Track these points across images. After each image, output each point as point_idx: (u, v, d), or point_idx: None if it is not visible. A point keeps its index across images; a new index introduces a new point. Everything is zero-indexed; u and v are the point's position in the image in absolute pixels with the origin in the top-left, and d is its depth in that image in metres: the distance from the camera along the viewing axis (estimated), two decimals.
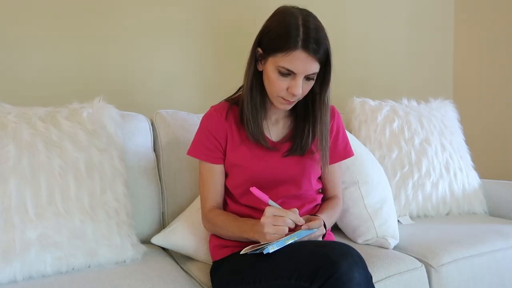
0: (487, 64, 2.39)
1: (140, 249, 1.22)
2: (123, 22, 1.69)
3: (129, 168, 1.35)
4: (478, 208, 1.77)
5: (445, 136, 1.81)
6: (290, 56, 0.99)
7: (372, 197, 1.40)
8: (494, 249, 1.34)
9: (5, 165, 1.09)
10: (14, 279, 1.04)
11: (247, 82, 1.10)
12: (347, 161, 1.32)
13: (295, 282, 0.88)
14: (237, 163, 1.14)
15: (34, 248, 1.06)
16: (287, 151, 1.14)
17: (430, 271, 1.24)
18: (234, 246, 1.12)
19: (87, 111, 1.27)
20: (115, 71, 1.69)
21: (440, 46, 2.53)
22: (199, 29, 1.83)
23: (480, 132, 2.38)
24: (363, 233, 1.39)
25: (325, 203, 1.22)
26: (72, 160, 1.17)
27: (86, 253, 1.11)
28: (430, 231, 1.48)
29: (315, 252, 0.90)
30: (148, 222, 1.39)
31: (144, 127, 1.48)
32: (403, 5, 2.38)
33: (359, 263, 0.88)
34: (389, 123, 1.74)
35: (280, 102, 1.08)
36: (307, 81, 1.05)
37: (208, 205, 1.17)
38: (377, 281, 1.13)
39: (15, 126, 1.15)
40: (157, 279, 1.05)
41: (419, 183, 1.68)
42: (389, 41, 2.34)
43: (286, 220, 0.95)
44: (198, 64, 1.85)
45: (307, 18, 1.00)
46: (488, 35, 2.38)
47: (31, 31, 1.54)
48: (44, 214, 1.09)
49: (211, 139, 1.15)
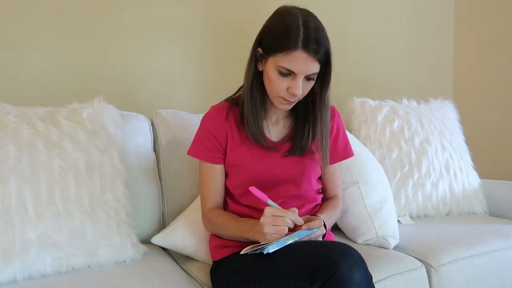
0: (487, 64, 2.39)
1: (140, 249, 1.22)
2: (123, 22, 1.69)
3: (129, 168, 1.35)
4: (478, 208, 1.77)
5: (445, 136, 1.81)
6: (290, 56, 0.99)
7: (372, 197, 1.40)
8: (494, 249, 1.34)
9: (5, 165, 1.09)
10: (14, 279, 1.04)
11: (247, 82, 1.09)
12: (347, 161, 1.32)
13: (295, 282, 0.88)
14: (237, 163, 1.14)
15: (34, 248, 1.06)
16: (287, 151, 1.14)
17: (430, 271, 1.24)
18: (234, 246, 1.12)
19: (87, 111, 1.27)
20: (115, 71, 1.69)
21: (440, 46, 2.53)
22: (199, 29, 1.83)
23: (480, 132, 2.38)
24: (363, 233, 1.39)
25: (325, 203, 1.22)
26: (72, 160, 1.17)
27: (86, 253, 1.11)
28: (430, 231, 1.48)
29: (315, 252, 0.90)
30: (148, 222, 1.39)
31: (144, 127, 1.48)
32: (403, 5, 2.38)
33: (359, 263, 0.88)
34: (389, 123, 1.74)
35: (280, 102, 1.08)
36: (307, 81, 1.05)
37: (208, 205, 1.17)
38: (377, 281, 1.13)
39: (15, 126, 1.15)
40: (157, 279, 1.05)
41: (419, 183, 1.68)
42: (389, 41, 2.34)
43: (285, 220, 0.95)
44: (198, 64, 1.85)
45: (308, 18, 1.00)
46: (488, 35, 2.38)
47: (31, 31, 1.54)
48: (44, 214, 1.09)
49: (211, 139, 1.15)
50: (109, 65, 1.68)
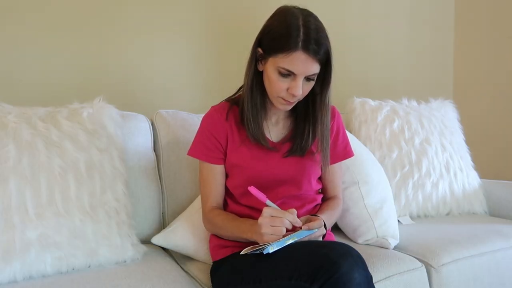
0: (488, 64, 2.39)
1: (140, 249, 1.22)
2: (123, 22, 1.69)
3: (129, 168, 1.35)
4: (478, 208, 1.77)
5: (445, 136, 1.81)
6: (290, 57, 0.98)
7: (372, 197, 1.40)
8: (494, 249, 1.34)
9: (5, 165, 1.09)
10: (14, 279, 1.04)
11: (247, 82, 1.09)
12: (347, 161, 1.32)
13: (295, 282, 0.88)
14: (237, 163, 1.13)
15: (34, 248, 1.06)
16: (287, 152, 1.14)
17: (430, 271, 1.24)
18: (234, 246, 1.12)
19: (87, 111, 1.27)
20: (115, 71, 1.69)
21: (440, 46, 2.53)
22: (199, 29, 1.83)
23: (480, 132, 2.38)
24: (363, 233, 1.39)
25: (325, 203, 1.22)
26: (72, 160, 1.17)
27: (86, 253, 1.11)
28: (430, 231, 1.48)
29: (315, 252, 0.90)
30: (148, 222, 1.39)
31: (144, 127, 1.48)
32: (403, 5, 2.37)
33: (359, 263, 0.88)
34: (389, 123, 1.74)
35: (280, 103, 1.08)
36: (308, 82, 1.04)
37: (209, 205, 1.17)
38: (377, 281, 1.13)
39: (15, 126, 1.15)
40: (157, 279, 1.05)
41: (419, 183, 1.68)
42: (389, 41, 2.34)
43: (283, 221, 0.94)
44: (198, 64, 1.84)
45: (308, 19, 1.00)
46: (488, 35, 2.38)
47: (31, 31, 1.54)
48: (44, 214, 1.09)
49: (211, 140, 1.15)
50: (109, 65, 1.68)
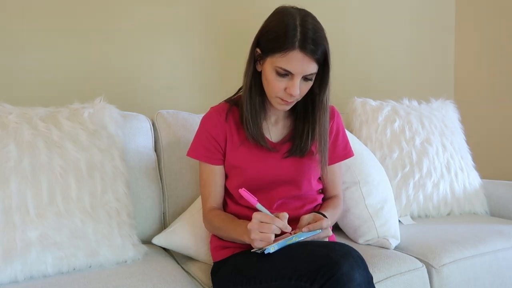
0: (488, 64, 2.39)
1: (141, 249, 1.22)
2: (123, 22, 1.69)
3: (130, 168, 1.35)
4: (479, 208, 1.77)
5: (446, 136, 1.81)
6: (287, 56, 0.98)
7: (373, 197, 1.40)
8: (495, 249, 1.34)
9: (6, 165, 1.09)
10: (15, 279, 1.04)
11: (246, 82, 1.09)
12: (348, 161, 1.32)
13: (295, 282, 0.88)
14: (237, 164, 1.13)
15: (35, 248, 1.06)
16: (286, 152, 1.14)
17: (431, 271, 1.24)
18: (234, 247, 1.12)
19: (88, 111, 1.27)
20: (116, 71, 1.69)
21: (441, 46, 2.52)
22: (200, 29, 1.83)
23: (481, 132, 2.38)
24: (364, 233, 1.39)
25: (326, 203, 1.22)
26: (73, 160, 1.17)
27: (87, 253, 1.11)
28: (431, 231, 1.47)
29: (316, 253, 0.90)
30: (149, 222, 1.39)
31: (145, 127, 1.48)
32: (404, 5, 2.37)
33: (360, 263, 0.88)
34: (390, 123, 1.74)
35: (278, 103, 1.07)
36: (305, 82, 1.04)
37: (208, 205, 1.17)
38: (378, 281, 1.13)
39: (16, 126, 1.15)
40: (158, 279, 1.05)
41: (420, 183, 1.68)
42: (390, 41, 2.34)
43: (271, 227, 0.93)
44: (199, 64, 1.85)
45: (305, 18, 0.99)
46: (489, 35, 2.38)
47: (31, 31, 1.55)
48: (45, 214, 1.09)
49: (211, 140, 1.14)
50: (110, 65, 1.68)
